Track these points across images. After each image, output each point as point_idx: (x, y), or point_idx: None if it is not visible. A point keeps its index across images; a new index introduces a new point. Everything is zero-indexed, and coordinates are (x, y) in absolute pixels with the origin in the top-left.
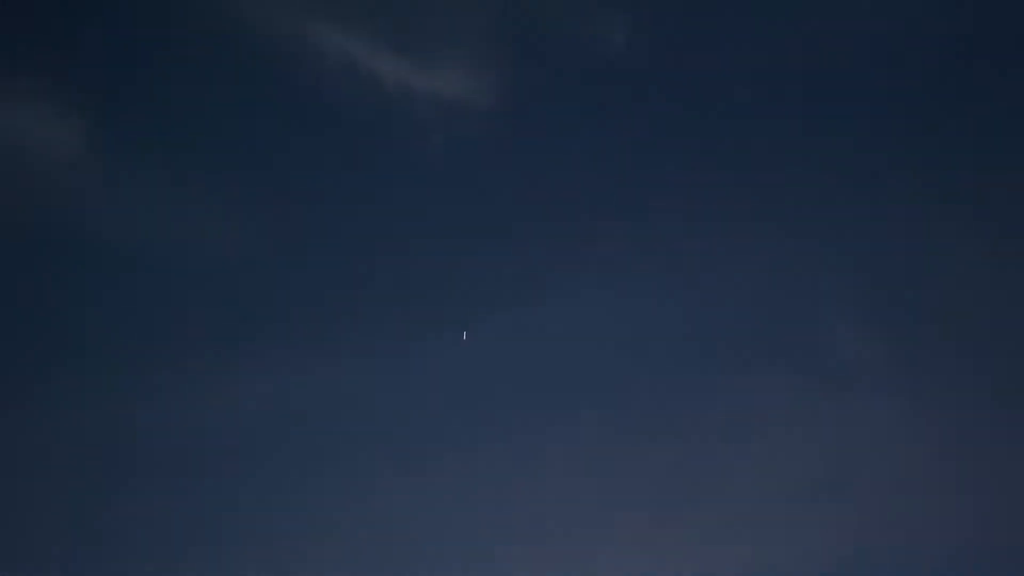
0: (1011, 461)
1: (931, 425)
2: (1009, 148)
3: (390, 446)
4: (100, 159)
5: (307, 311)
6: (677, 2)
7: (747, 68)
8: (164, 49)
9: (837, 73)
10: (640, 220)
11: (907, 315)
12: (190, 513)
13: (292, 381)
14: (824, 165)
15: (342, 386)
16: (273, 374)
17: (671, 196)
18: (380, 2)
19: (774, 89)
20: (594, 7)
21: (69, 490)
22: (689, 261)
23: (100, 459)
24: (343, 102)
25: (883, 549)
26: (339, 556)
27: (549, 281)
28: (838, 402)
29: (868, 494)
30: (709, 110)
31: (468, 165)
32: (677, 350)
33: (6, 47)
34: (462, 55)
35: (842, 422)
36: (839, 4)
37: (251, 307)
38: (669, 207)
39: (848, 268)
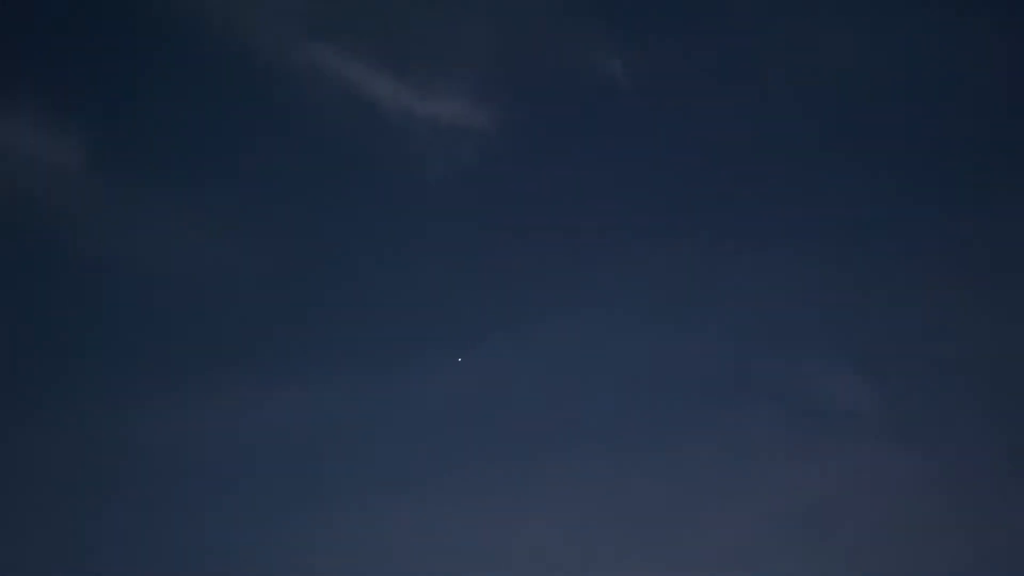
0: (997, 508)
1: (919, 470)
2: (1005, 192)
3: (383, 466)
4: (98, 176)
5: (302, 331)
6: (674, 30)
7: (743, 97)
8: (163, 70)
9: (833, 106)
10: (636, 250)
11: (899, 361)
12: (181, 530)
13: (286, 399)
14: (820, 206)
15: (336, 405)
16: (268, 392)
17: (667, 228)
18: (380, 26)
19: (770, 121)
20: (592, 34)
21: (61, 504)
22: (684, 294)
23: (91, 474)
24: (342, 125)
25: None
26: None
27: (542, 307)
28: (829, 443)
29: (854, 536)
30: (704, 143)
31: (466, 189)
32: (670, 383)
33: (4, 64)
34: (461, 80)
35: (832, 463)
36: (831, 31)
37: (247, 326)
38: (665, 239)
39: (845, 312)
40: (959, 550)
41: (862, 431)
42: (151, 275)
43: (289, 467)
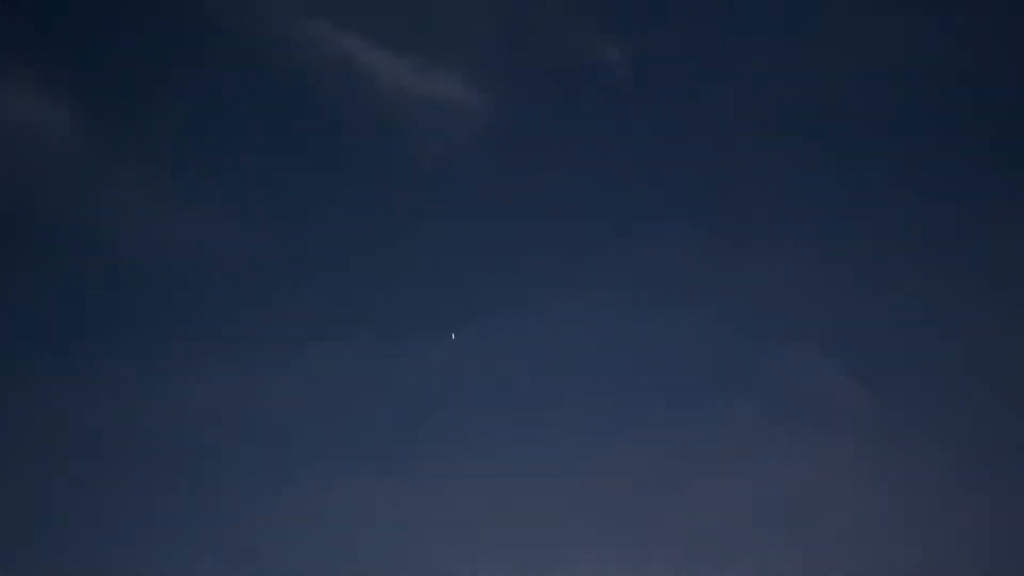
0: (979, 502)
1: (901, 463)
2: (998, 189)
3: (363, 444)
4: (89, 152)
5: (289, 309)
6: (673, 18)
7: (740, 87)
8: (158, 44)
9: (831, 99)
10: (629, 236)
11: (886, 355)
12: (159, 504)
13: (267, 377)
14: (813, 200)
15: (320, 384)
16: (248, 370)
17: (662, 216)
18: (379, 2)
19: (766, 114)
20: (591, 20)
21: (41, 479)
22: (676, 282)
23: (71, 450)
24: (338, 99)
25: None
26: (305, 551)
27: (534, 288)
28: (812, 434)
29: (833, 526)
30: (701, 132)
31: (460, 170)
32: (659, 368)
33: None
34: (459, 60)
35: (815, 454)
36: (830, 22)
37: (232, 304)
38: (659, 227)
39: (834, 306)
40: (938, 544)
41: (846, 423)
42: (138, 252)
43: (266, 444)
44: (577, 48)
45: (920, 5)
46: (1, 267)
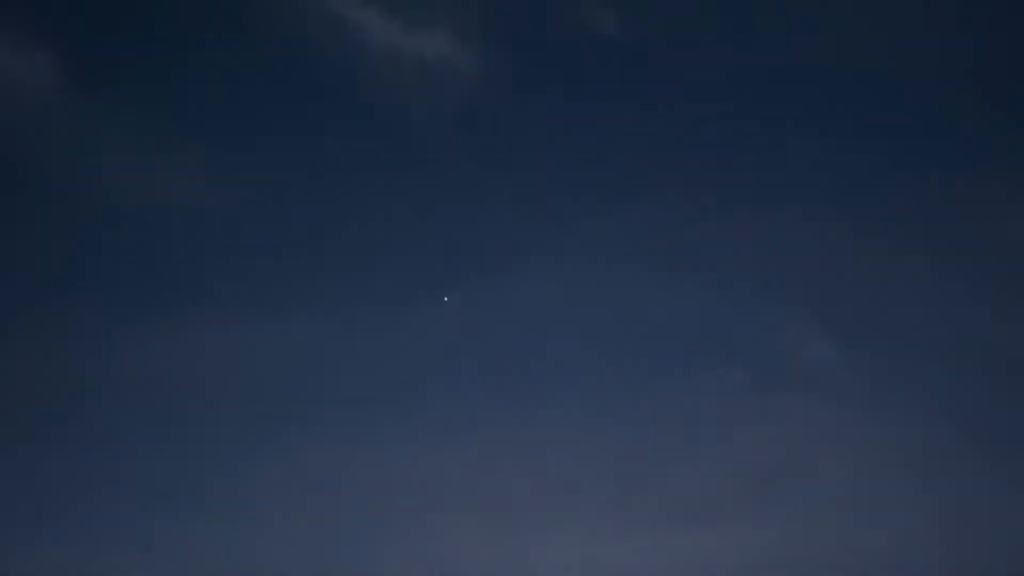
0: (955, 474)
1: (880, 434)
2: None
3: (346, 406)
4: (74, 98)
5: (275, 268)
6: None
7: (731, 55)
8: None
9: (823, 65)
10: (617, 201)
11: (870, 328)
12: (131, 457)
13: (254, 334)
14: (800, 171)
15: (306, 344)
16: (235, 326)
17: (650, 182)
18: None
19: (759, 80)
20: None
21: (31, 426)
22: (664, 249)
23: (60, 400)
24: (327, 56)
25: (818, 547)
26: (283, 508)
27: (522, 252)
28: (794, 404)
29: (812, 495)
30: (692, 98)
31: (448, 131)
32: (645, 335)
33: None
34: (449, 19)
35: (796, 423)
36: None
37: (214, 262)
38: (643, 196)
39: (820, 279)
40: (915, 515)
41: (827, 394)
42: (124, 203)
43: (250, 399)
44: (571, 11)
45: None
46: None
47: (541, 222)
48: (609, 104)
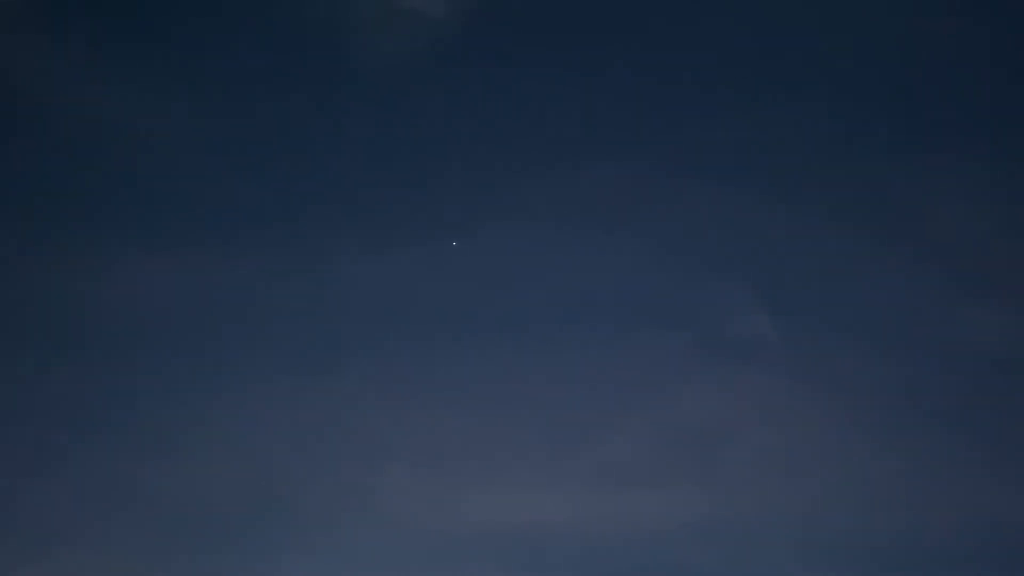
0: (886, 443)
1: (812, 404)
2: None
3: (293, 355)
4: (57, 31)
5: (230, 212)
6: None
7: (691, 27)
8: None
9: (784, 48)
10: (556, 167)
11: (808, 297)
12: (74, 385)
13: (199, 277)
14: (746, 142)
15: (251, 289)
16: (186, 267)
17: (592, 147)
18: None
19: (708, 57)
20: None
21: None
22: (604, 213)
23: (41, 330)
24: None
25: (744, 518)
26: (222, 452)
27: (478, 213)
28: (727, 369)
29: (740, 460)
30: (664, 64)
31: (413, 84)
32: (584, 299)
33: None
34: None
35: (728, 389)
36: None
37: (180, 202)
38: (587, 158)
39: (760, 245)
40: (842, 485)
41: (761, 361)
42: (82, 122)
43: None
44: None
45: None
46: None
47: (494, 183)
48: (579, 64)
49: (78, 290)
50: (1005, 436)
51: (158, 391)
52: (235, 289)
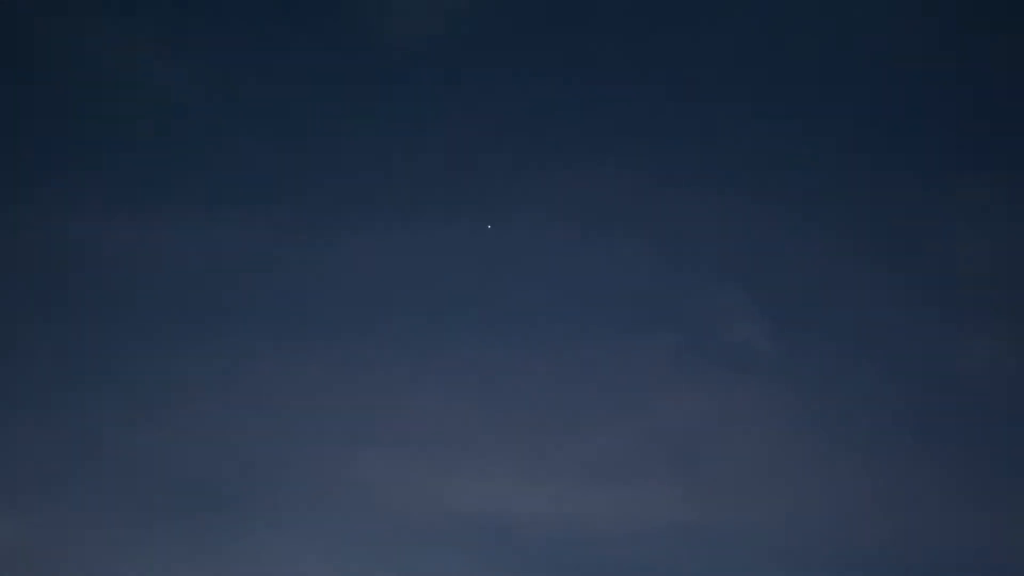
0: (877, 454)
1: (803, 412)
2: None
3: (285, 330)
4: None
5: (237, 172)
6: None
7: (712, 43)
8: None
9: (782, 55)
10: (549, 163)
11: (805, 305)
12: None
13: (198, 242)
14: (743, 146)
15: (248, 260)
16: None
17: (589, 145)
18: None
19: (708, 62)
20: None
21: None
22: (599, 213)
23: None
24: None
25: (725, 521)
26: (203, 420)
27: (477, 202)
28: (719, 374)
29: (725, 466)
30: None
31: (425, 66)
32: (576, 297)
33: None
34: None
35: (719, 394)
36: None
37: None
38: (583, 156)
39: (758, 251)
40: (823, 494)
41: (751, 368)
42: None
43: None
44: None
45: None
46: None
47: (487, 182)
48: (586, 68)
49: (75, 239)
50: (984, 457)
51: (144, 352)
52: (231, 258)
